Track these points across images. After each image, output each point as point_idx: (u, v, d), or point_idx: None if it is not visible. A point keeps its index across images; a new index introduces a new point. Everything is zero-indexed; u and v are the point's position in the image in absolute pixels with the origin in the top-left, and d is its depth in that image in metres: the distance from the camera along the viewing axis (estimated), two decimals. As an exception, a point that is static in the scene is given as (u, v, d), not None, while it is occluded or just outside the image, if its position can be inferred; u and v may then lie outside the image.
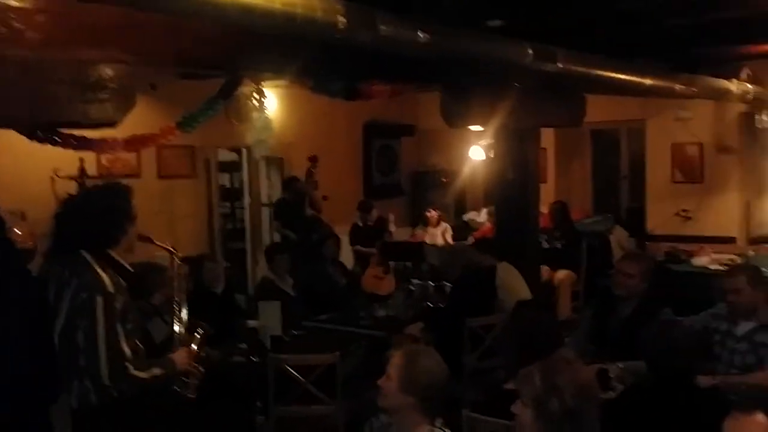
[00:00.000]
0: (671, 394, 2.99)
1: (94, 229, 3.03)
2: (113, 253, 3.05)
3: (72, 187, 6.64)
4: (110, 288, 2.93)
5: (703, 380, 3.73)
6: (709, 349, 4.10)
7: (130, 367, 2.94)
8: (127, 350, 2.94)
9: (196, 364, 3.33)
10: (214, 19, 2.82)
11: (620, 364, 3.89)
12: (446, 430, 2.63)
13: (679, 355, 3.01)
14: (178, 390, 3.27)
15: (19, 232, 6.37)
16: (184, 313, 3.41)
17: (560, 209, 8.41)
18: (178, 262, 3.47)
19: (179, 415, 3.79)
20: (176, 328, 3.38)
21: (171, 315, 3.44)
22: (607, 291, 4.43)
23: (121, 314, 2.95)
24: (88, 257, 2.97)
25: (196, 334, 3.43)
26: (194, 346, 3.37)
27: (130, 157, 7.24)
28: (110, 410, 3.00)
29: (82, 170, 6.64)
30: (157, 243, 3.43)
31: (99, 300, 2.89)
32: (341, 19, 3.26)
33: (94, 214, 3.05)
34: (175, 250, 3.46)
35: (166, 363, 3.15)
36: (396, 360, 2.66)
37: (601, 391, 3.64)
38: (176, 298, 3.41)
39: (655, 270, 7.13)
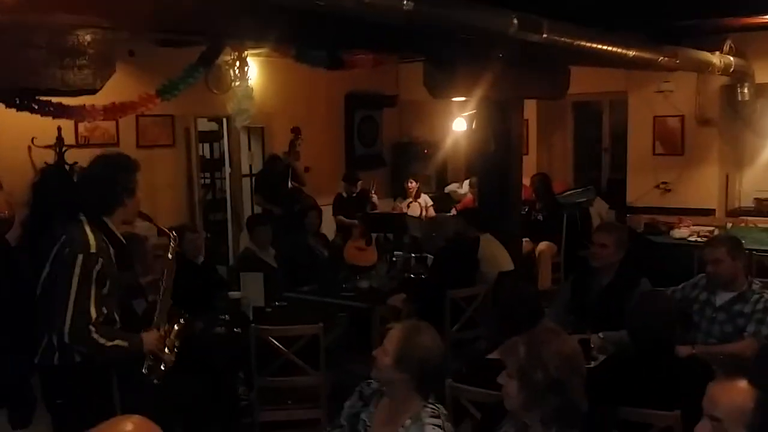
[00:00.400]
0: (652, 363, 3.03)
1: (91, 194, 3.14)
2: (108, 221, 3.13)
3: (50, 156, 6.57)
4: (93, 249, 2.99)
5: (682, 350, 3.77)
6: (688, 318, 4.15)
7: (92, 330, 2.98)
8: (93, 312, 2.97)
9: (167, 351, 3.34)
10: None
11: (600, 335, 3.94)
12: (439, 405, 2.62)
13: (661, 325, 3.05)
14: (145, 372, 3.28)
15: (-5, 200, 6.32)
16: (167, 299, 3.42)
17: (542, 181, 8.42)
18: (174, 248, 3.47)
19: (161, 385, 3.80)
20: (157, 312, 3.39)
21: (155, 296, 3.46)
22: (586, 262, 4.47)
23: (98, 277, 3.00)
24: (83, 219, 3.07)
25: (175, 323, 3.45)
26: (169, 334, 3.38)
27: (108, 125, 7.14)
28: (82, 371, 3.07)
29: (60, 139, 6.54)
30: (158, 226, 3.53)
31: (79, 257, 2.96)
32: (325, -15, 3.20)
33: (95, 179, 3.17)
34: (174, 236, 3.49)
35: (133, 338, 3.18)
36: (394, 334, 2.63)
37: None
38: (163, 284, 3.42)
39: (635, 241, 7.25)
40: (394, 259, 6.31)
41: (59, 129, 6.44)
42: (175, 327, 3.43)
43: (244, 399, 4.54)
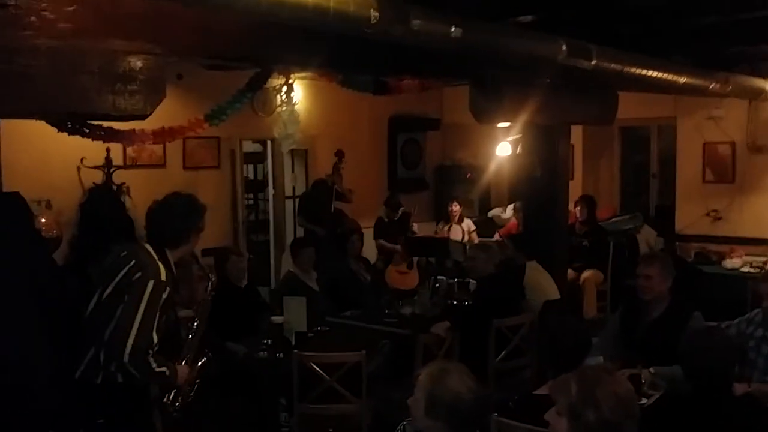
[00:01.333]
0: (709, 403, 2.91)
1: (166, 226, 3.29)
2: (168, 254, 3.24)
3: (98, 176, 6.67)
4: (163, 277, 3.10)
5: (738, 387, 3.64)
6: (744, 355, 4.01)
7: (150, 355, 3.05)
8: (155, 338, 3.06)
9: (188, 387, 3.40)
10: (245, 12, 2.77)
11: (652, 370, 3.81)
12: None
13: (719, 364, 2.93)
14: (166, 402, 3.33)
15: (45, 221, 6.43)
16: (198, 337, 3.49)
17: (588, 204, 8.23)
18: (211, 290, 3.59)
19: (203, 410, 3.81)
20: (186, 348, 3.45)
21: (187, 331, 3.51)
22: (634, 292, 4.34)
23: (163, 305, 3.09)
24: (150, 248, 3.20)
25: (199, 361, 3.50)
26: (193, 370, 3.44)
27: (156, 147, 7.25)
28: (124, 390, 3.13)
29: (109, 160, 6.65)
30: (201, 265, 3.72)
31: (150, 283, 3.05)
32: (374, 13, 3.20)
33: (174, 214, 3.33)
34: (213, 279, 3.64)
35: (172, 369, 3.24)
36: (421, 381, 2.56)
37: (634, 397, 3.59)
38: (197, 319, 3.51)
39: (684, 271, 7.07)
40: (437, 285, 6.24)
41: (108, 150, 6.55)
42: (199, 364, 3.48)
43: (285, 425, 4.50)
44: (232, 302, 5.28)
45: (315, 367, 4.17)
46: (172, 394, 3.34)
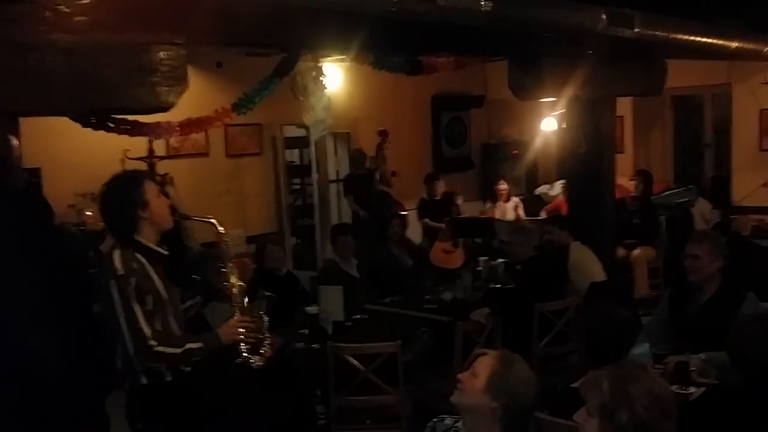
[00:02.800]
0: (760, 395, 2.71)
1: (111, 223, 3.19)
2: (141, 239, 3.11)
3: (142, 167, 6.70)
4: (120, 271, 2.99)
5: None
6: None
7: (154, 344, 2.98)
8: (146, 329, 2.98)
9: (253, 333, 3.29)
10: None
11: (702, 356, 3.62)
12: None
13: (765, 354, 2.72)
14: (241, 361, 3.26)
15: (90, 214, 6.49)
16: (234, 281, 3.35)
17: (645, 179, 7.86)
18: (222, 233, 3.39)
19: (238, 402, 3.77)
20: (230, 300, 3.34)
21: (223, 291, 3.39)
22: (684, 273, 4.13)
23: (137, 295, 3.00)
24: (114, 245, 3.09)
25: (255, 305, 3.40)
26: (252, 316, 3.33)
27: (198, 136, 7.26)
28: (164, 393, 3.08)
29: (151, 151, 6.67)
30: (195, 218, 3.53)
31: (112, 283, 2.98)
32: (396, -10, 3.06)
33: (108, 209, 3.19)
34: (217, 222, 3.38)
35: (205, 337, 3.17)
36: (488, 360, 2.46)
37: (682, 386, 3.41)
38: (223, 269, 3.36)
39: (739, 246, 6.77)
40: (478, 268, 6.08)
41: (150, 141, 6.56)
42: (258, 308, 3.40)
43: (321, 418, 4.45)
44: (272, 291, 5.24)
45: (350, 358, 4.09)
46: (245, 350, 3.26)
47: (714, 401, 2.88)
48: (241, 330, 3.24)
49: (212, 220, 3.35)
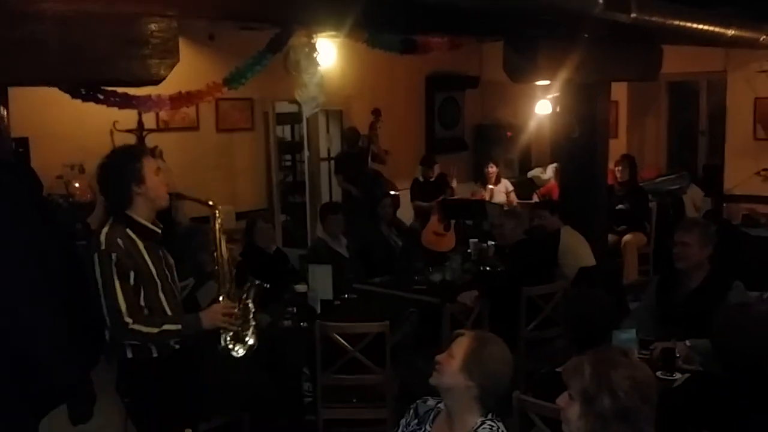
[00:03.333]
0: (740, 384, 2.73)
1: (106, 196, 3.20)
2: (133, 214, 3.12)
3: (131, 140, 6.64)
4: (103, 245, 3.01)
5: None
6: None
7: (129, 322, 3.00)
8: (122, 305, 3.00)
9: (237, 321, 3.28)
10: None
11: (688, 343, 3.64)
12: (499, 422, 2.44)
13: (750, 343, 2.73)
14: (222, 348, 3.28)
15: (78, 185, 6.45)
16: (225, 269, 3.32)
17: (630, 164, 7.89)
18: (219, 218, 3.35)
19: (225, 379, 3.77)
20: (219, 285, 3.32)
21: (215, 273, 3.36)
22: (672, 260, 4.13)
23: (118, 271, 3.00)
24: (108, 220, 3.11)
25: (246, 291, 3.38)
26: (240, 303, 3.32)
27: (189, 110, 7.19)
28: (150, 368, 3.12)
29: (141, 123, 6.61)
30: (189, 197, 3.54)
31: (95, 258, 3.01)
32: (392, -32, 3.02)
33: (104, 181, 3.19)
34: (211, 202, 3.34)
35: (187, 320, 3.17)
36: (464, 340, 2.49)
37: (667, 372, 3.43)
38: (215, 252, 3.33)
39: (729, 234, 6.79)
40: (469, 250, 6.08)
41: (139, 114, 6.50)
42: (245, 295, 3.37)
43: (308, 395, 4.46)
44: (260, 268, 5.22)
45: (337, 337, 4.09)
46: (228, 338, 3.28)
47: (696, 388, 2.90)
48: (225, 317, 3.23)
49: (211, 203, 3.32)
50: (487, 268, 5.68)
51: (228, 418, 4.12)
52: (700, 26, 5.16)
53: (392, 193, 7.84)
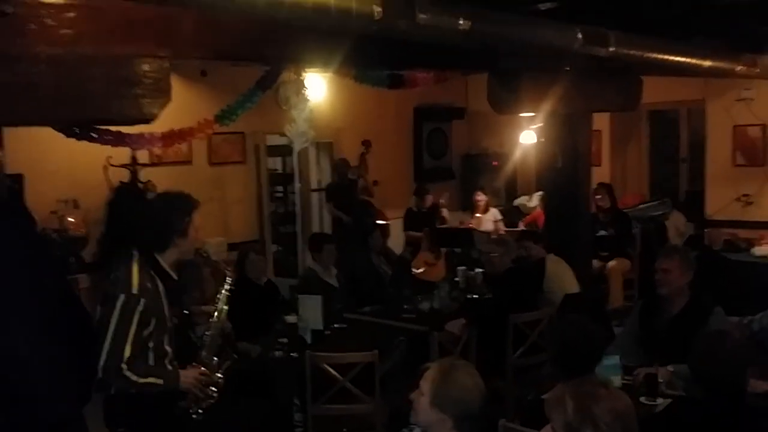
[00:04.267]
0: (720, 409, 2.81)
1: (145, 232, 3.23)
2: (160, 258, 3.19)
3: (125, 175, 6.73)
4: (134, 290, 3.05)
5: (759, 385, 3.54)
6: (765, 351, 3.90)
7: (125, 368, 3.05)
8: (128, 351, 3.04)
9: (205, 389, 3.36)
10: (242, 12, 2.74)
11: (670, 368, 3.72)
12: None
13: (728, 370, 2.82)
14: (184, 407, 3.33)
15: (72, 220, 6.51)
16: (216, 337, 3.47)
17: (608, 191, 7.98)
18: (228, 288, 3.50)
19: (215, 411, 3.81)
20: (204, 348, 3.45)
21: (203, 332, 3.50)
22: (654, 287, 4.23)
23: (141, 318, 3.06)
24: (134, 255, 3.15)
25: (224, 361, 3.49)
26: (215, 371, 3.43)
27: (181, 144, 7.28)
28: (138, 401, 3.16)
29: (134, 158, 6.69)
30: (217, 266, 3.70)
31: (121, 297, 3.04)
32: (377, 9, 3.13)
33: (150, 217, 3.28)
34: (230, 274, 3.52)
35: (169, 376, 3.23)
36: (429, 375, 2.54)
37: (650, 398, 3.51)
38: (213, 318, 3.48)
39: (710, 260, 6.90)
40: (457, 278, 6.17)
41: (133, 149, 6.58)
42: (221, 367, 3.47)
43: (299, 426, 4.50)
44: (251, 300, 5.29)
45: (328, 367, 4.15)
46: (192, 400, 3.34)
47: (677, 414, 2.96)
48: (198, 384, 3.31)
49: (228, 271, 3.51)
50: (475, 296, 5.76)
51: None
52: (678, 58, 5.31)
53: (381, 222, 7.94)
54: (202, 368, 3.37)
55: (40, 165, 6.29)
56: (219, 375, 3.46)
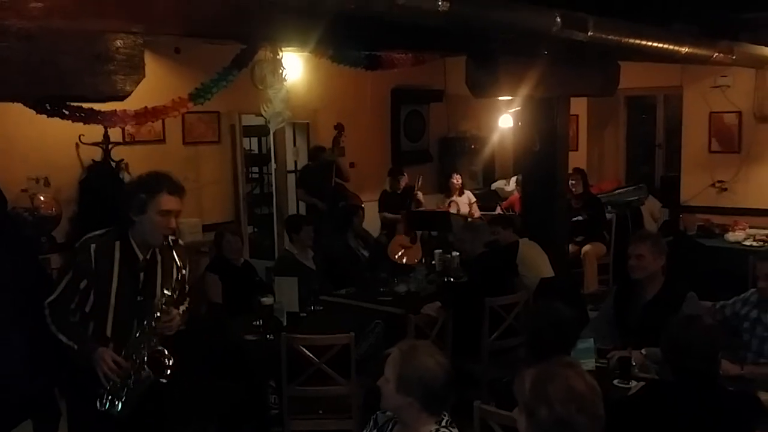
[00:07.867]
0: (692, 393, 2.84)
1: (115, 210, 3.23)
2: (131, 237, 3.16)
3: (97, 153, 6.64)
4: (84, 243, 3.10)
5: (731, 368, 3.59)
6: (737, 336, 3.95)
7: (47, 310, 3.04)
8: (54, 294, 3.05)
9: (115, 377, 3.06)
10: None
11: (643, 351, 3.76)
12: (453, 429, 2.52)
13: (699, 354, 2.86)
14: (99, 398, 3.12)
15: (43, 199, 6.41)
16: (151, 339, 3.16)
17: (582, 177, 8.00)
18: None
19: (190, 391, 3.79)
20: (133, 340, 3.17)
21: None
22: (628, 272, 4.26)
23: (76, 271, 3.08)
24: (102, 231, 3.16)
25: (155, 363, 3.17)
26: (140, 367, 3.12)
27: (155, 123, 7.17)
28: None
29: (107, 136, 6.60)
30: (178, 250, 3.36)
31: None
32: (355, -11, 3.10)
33: (121, 195, 3.29)
34: (184, 270, 3.29)
35: (84, 345, 3.07)
36: (392, 360, 2.55)
37: (623, 381, 3.54)
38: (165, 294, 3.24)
39: (683, 245, 6.97)
40: (433, 262, 6.17)
41: (106, 127, 6.48)
42: (146, 368, 3.14)
43: (274, 408, 4.49)
44: (229, 279, 5.27)
45: (303, 349, 4.14)
46: (105, 390, 3.08)
47: (649, 396, 2.99)
48: (108, 368, 3.04)
49: (184, 272, 3.25)
50: (451, 279, 5.77)
51: (194, 430, 4.14)
52: (655, 44, 5.32)
53: (356, 205, 7.91)
54: (121, 359, 3.09)
55: (9, 142, 6.18)
56: (143, 370, 3.12)
